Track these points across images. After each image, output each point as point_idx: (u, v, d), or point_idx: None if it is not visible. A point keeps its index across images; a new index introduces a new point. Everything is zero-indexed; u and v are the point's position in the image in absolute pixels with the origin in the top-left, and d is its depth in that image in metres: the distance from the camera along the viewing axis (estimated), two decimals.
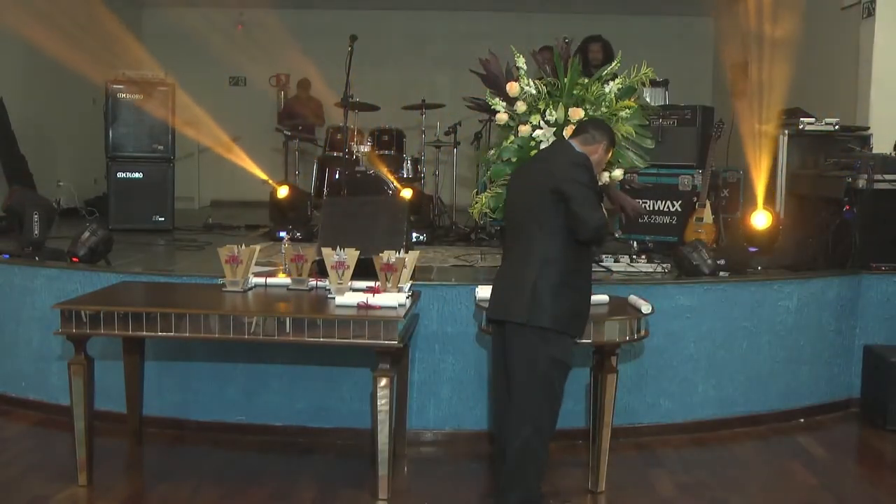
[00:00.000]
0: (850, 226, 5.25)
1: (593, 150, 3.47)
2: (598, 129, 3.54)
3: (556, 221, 3.28)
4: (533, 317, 3.27)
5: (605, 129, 3.57)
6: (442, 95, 8.35)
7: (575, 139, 3.53)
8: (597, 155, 3.48)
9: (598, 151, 3.48)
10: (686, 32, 10.99)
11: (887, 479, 4.10)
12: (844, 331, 5.00)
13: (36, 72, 8.62)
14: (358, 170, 6.91)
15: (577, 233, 3.27)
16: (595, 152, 3.47)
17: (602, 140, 3.49)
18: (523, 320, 3.29)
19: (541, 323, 3.27)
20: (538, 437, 3.35)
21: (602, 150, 3.50)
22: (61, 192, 8.75)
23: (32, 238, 5.14)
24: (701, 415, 4.66)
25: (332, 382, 4.45)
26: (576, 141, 3.50)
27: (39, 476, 3.84)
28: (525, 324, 3.29)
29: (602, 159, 3.55)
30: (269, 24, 11.08)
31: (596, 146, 3.48)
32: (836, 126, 6.19)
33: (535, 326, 3.28)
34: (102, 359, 4.12)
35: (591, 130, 3.52)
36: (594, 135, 3.49)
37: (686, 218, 6.24)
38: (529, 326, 3.29)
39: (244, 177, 10.05)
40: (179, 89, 7.82)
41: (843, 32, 7.13)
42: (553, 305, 3.27)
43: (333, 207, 4.84)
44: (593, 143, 3.48)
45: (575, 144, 3.48)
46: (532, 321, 3.28)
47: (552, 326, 3.28)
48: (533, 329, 3.29)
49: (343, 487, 3.83)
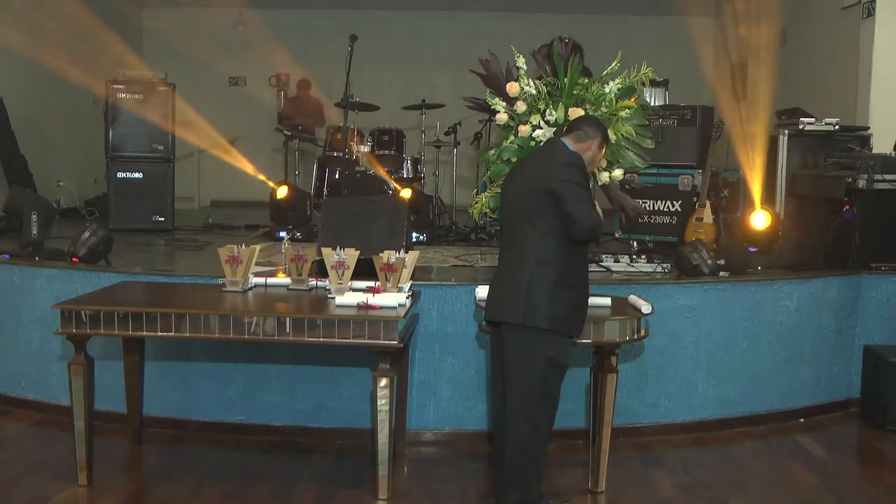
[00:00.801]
0: (850, 226, 5.25)
1: (586, 146, 3.46)
2: (591, 125, 3.52)
3: (550, 222, 3.28)
4: (528, 317, 3.27)
5: (596, 125, 3.55)
6: (442, 95, 8.35)
7: (568, 137, 3.51)
8: (590, 152, 3.47)
9: (591, 148, 3.47)
10: (686, 32, 10.97)
11: (887, 478, 4.09)
12: (844, 331, 5.00)
13: (36, 72, 8.61)
14: (358, 170, 6.91)
15: (571, 232, 3.26)
16: (588, 149, 3.46)
17: (595, 136, 3.47)
18: (519, 321, 3.29)
19: (536, 323, 3.27)
20: (535, 438, 3.35)
21: (596, 147, 3.48)
22: (61, 192, 8.75)
23: (31, 238, 5.14)
24: (701, 415, 4.66)
25: (332, 382, 4.45)
26: (569, 139, 3.49)
27: (39, 476, 3.84)
28: (520, 324, 3.29)
29: (596, 155, 3.53)
30: (269, 24, 11.10)
31: (589, 143, 3.46)
32: (836, 126, 6.20)
33: (531, 327, 3.28)
34: (102, 359, 4.12)
35: (584, 127, 3.51)
36: (587, 131, 3.48)
37: (686, 218, 6.25)
38: (525, 327, 3.29)
39: (244, 177, 10.04)
40: (179, 90, 7.82)
41: (843, 32, 7.13)
42: (549, 306, 3.27)
43: (333, 207, 4.84)
44: (586, 139, 3.46)
45: (568, 143, 3.46)
46: (528, 322, 3.28)
47: (548, 327, 3.28)
48: (529, 329, 3.28)
49: (343, 487, 3.83)
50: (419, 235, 6.64)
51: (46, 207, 5.48)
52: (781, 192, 6.25)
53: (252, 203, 9.66)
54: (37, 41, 8.66)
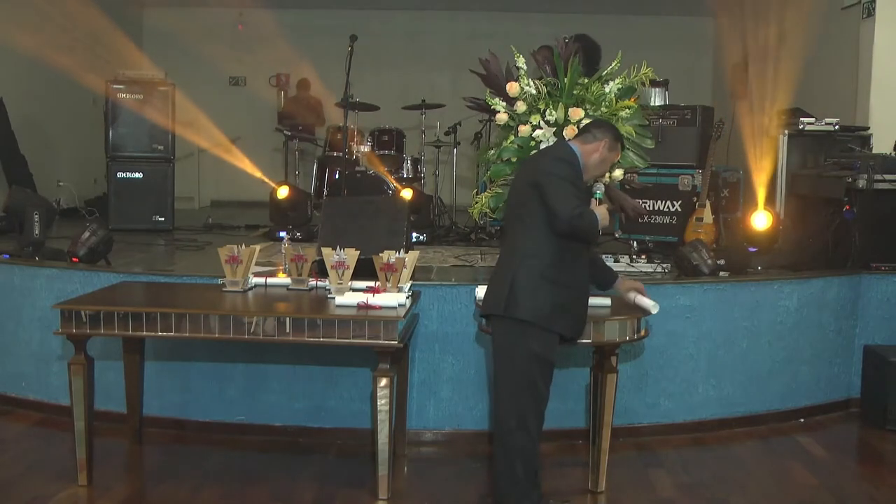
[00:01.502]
0: (850, 226, 5.25)
1: (594, 148, 3.45)
2: (599, 127, 3.53)
3: (536, 216, 3.28)
4: (510, 308, 3.27)
5: (606, 127, 3.55)
6: (442, 95, 8.35)
7: (576, 140, 3.54)
8: (598, 154, 3.45)
9: (599, 149, 3.45)
10: (686, 32, 10.99)
11: (887, 478, 4.09)
12: (844, 331, 5.00)
13: (36, 72, 8.61)
14: (358, 170, 6.91)
15: (551, 225, 3.24)
16: (596, 150, 3.44)
17: (603, 137, 3.46)
18: (501, 312, 3.30)
19: (518, 314, 3.26)
20: (523, 433, 3.32)
21: (605, 148, 3.46)
22: (61, 192, 8.75)
23: (34, 238, 5.13)
24: (701, 415, 4.66)
25: (332, 382, 4.45)
26: (576, 141, 3.51)
27: (39, 476, 3.84)
28: (503, 315, 3.30)
29: (607, 157, 3.50)
30: (269, 24, 11.09)
31: (597, 144, 3.45)
32: (836, 126, 6.20)
33: (515, 319, 3.27)
34: (102, 359, 4.12)
35: (592, 129, 3.51)
36: (595, 133, 3.48)
37: (686, 218, 6.24)
38: (509, 319, 3.29)
39: (244, 177, 10.03)
40: (179, 89, 7.82)
41: (843, 32, 7.13)
42: (531, 298, 3.26)
43: (333, 207, 4.84)
44: (594, 141, 3.46)
45: (574, 145, 3.47)
46: (509, 313, 3.27)
47: (530, 319, 3.26)
48: (511, 321, 3.28)
49: (343, 487, 3.83)
50: (419, 235, 6.64)
51: (47, 207, 5.48)
52: (781, 192, 6.25)
53: (252, 203, 9.66)
54: (37, 41, 8.66)
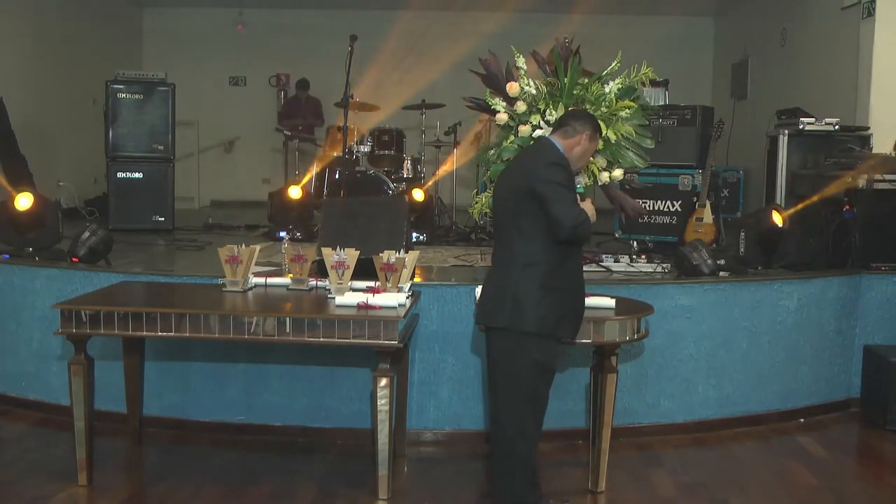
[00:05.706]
0: (850, 226, 5.25)
1: (575, 142, 3.36)
2: (578, 119, 3.42)
3: (535, 224, 3.21)
4: (514, 321, 3.22)
5: (585, 117, 3.45)
6: (442, 95, 8.35)
7: (555, 134, 3.42)
8: (580, 147, 3.37)
9: (580, 142, 3.37)
10: (686, 32, 10.99)
11: (887, 478, 4.09)
12: (844, 331, 5.00)
13: (36, 72, 8.62)
14: (358, 170, 6.91)
15: (554, 233, 3.18)
16: (577, 144, 3.36)
17: (583, 130, 3.37)
18: (505, 325, 3.25)
19: (522, 327, 3.22)
20: (523, 442, 3.31)
21: (586, 140, 3.38)
22: (61, 192, 8.73)
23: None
24: (701, 415, 4.66)
25: (332, 382, 4.45)
26: (556, 136, 3.40)
27: (39, 476, 3.84)
28: (507, 328, 3.25)
29: (588, 149, 3.43)
30: (269, 24, 11.12)
31: (578, 137, 3.36)
32: (836, 126, 6.20)
33: (517, 331, 3.23)
34: (102, 359, 4.12)
35: (571, 122, 3.41)
36: (574, 126, 3.38)
37: (686, 218, 6.25)
38: (511, 331, 3.24)
39: (244, 177, 10.06)
40: (179, 89, 7.82)
41: (843, 32, 7.13)
42: (535, 309, 3.21)
43: (333, 207, 4.84)
44: (575, 134, 3.37)
45: (556, 140, 3.38)
46: (513, 325, 3.23)
47: (535, 330, 3.22)
48: (515, 334, 3.24)
49: (343, 487, 3.83)
50: (419, 235, 6.64)
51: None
52: (781, 192, 6.25)
53: (252, 203, 9.66)
54: (37, 41, 8.68)
